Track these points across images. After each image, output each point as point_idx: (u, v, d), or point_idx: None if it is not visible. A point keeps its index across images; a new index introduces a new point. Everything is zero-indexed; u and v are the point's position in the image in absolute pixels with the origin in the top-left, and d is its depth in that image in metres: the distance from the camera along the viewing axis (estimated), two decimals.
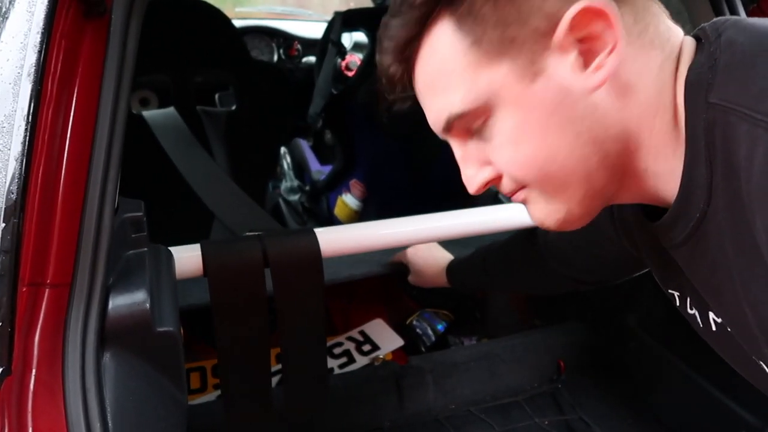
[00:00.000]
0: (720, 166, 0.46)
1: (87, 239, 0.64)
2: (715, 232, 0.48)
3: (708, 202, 0.47)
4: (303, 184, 2.33)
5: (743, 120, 0.43)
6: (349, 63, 2.19)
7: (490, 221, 1.09)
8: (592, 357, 1.45)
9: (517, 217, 1.08)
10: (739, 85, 0.45)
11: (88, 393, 0.59)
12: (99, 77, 0.67)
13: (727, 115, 0.45)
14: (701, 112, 0.46)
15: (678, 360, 1.26)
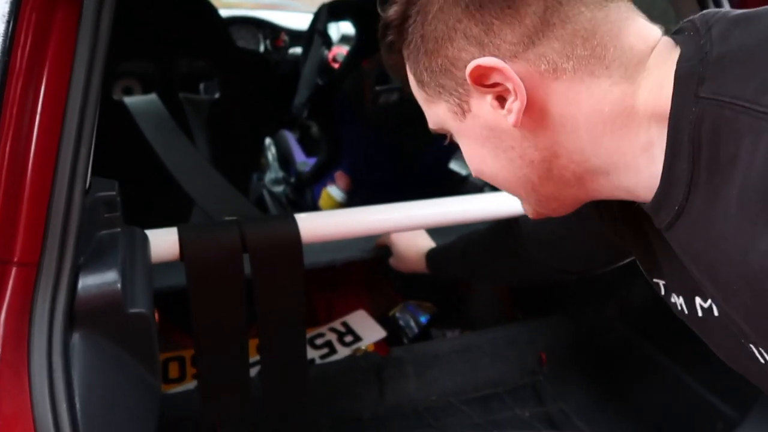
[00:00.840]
0: (704, 160, 0.46)
1: (56, 217, 0.62)
2: (691, 223, 0.49)
3: (687, 197, 0.49)
4: (288, 175, 2.32)
5: (742, 113, 0.43)
6: (336, 55, 2.18)
7: (474, 210, 1.08)
8: (574, 349, 1.45)
9: (502, 206, 1.08)
10: (736, 77, 0.45)
11: (54, 374, 0.58)
12: (71, 52, 0.65)
13: (721, 109, 0.45)
14: (689, 107, 0.46)
15: (658, 352, 1.26)
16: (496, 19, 0.52)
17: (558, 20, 0.51)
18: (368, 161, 1.90)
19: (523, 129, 0.54)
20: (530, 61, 0.51)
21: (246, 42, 2.33)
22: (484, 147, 0.57)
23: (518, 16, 0.51)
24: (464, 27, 0.53)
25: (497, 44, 0.52)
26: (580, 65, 0.51)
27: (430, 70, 0.57)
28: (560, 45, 0.51)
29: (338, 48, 2.20)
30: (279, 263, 0.92)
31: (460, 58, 0.54)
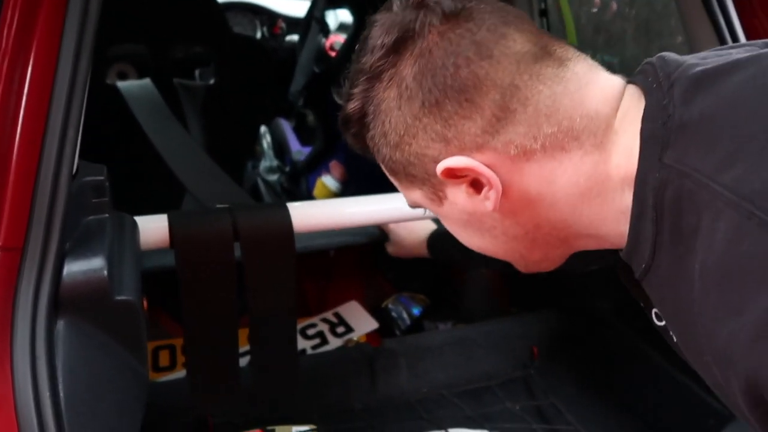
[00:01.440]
0: (667, 227, 0.47)
1: (41, 201, 0.61)
2: (660, 282, 0.50)
3: (653, 257, 0.49)
4: (283, 164, 2.30)
5: (702, 188, 0.43)
6: (333, 43, 2.15)
7: None
8: (566, 344, 1.45)
9: None
10: (697, 147, 0.45)
11: (37, 360, 0.57)
12: (59, 33, 0.64)
13: (682, 178, 0.45)
14: (654, 171, 0.47)
15: (650, 348, 1.26)
16: (456, 114, 0.50)
17: (518, 104, 0.50)
18: None
19: (503, 210, 0.53)
20: (498, 149, 0.51)
21: (243, 28, 2.30)
22: (467, 228, 0.58)
23: (477, 108, 0.50)
24: (424, 125, 0.52)
25: (461, 138, 0.51)
26: (550, 143, 0.50)
27: (398, 162, 0.55)
28: (525, 128, 0.50)
29: (335, 36, 2.17)
30: (271, 252, 0.90)
31: (426, 154, 0.53)
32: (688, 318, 0.47)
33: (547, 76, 0.50)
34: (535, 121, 0.50)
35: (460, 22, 0.51)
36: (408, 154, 0.54)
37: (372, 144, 0.57)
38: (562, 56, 0.52)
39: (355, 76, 0.55)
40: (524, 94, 0.50)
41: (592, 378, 1.38)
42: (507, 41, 0.51)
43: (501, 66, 0.50)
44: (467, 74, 0.50)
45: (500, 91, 0.50)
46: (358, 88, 0.54)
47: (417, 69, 0.51)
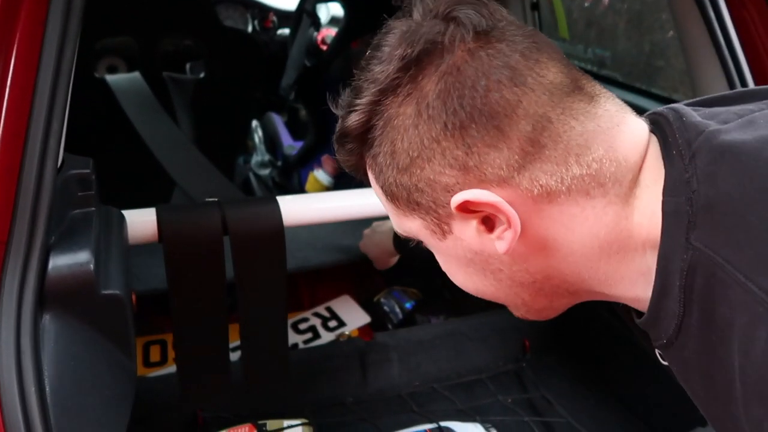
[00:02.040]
0: (697, 312, 0.44)
1: (25, 195, 0.60)
2: (684, 359, 0.48)
3: (677, 335, 0.46)
4: (274, 158, 2.29)
5: (738, 285, 0.41)
6: (324, 37, 2.14)
7: None
8: (558, 337, 1.45)
9: None
10: (728, 238, 0.42)
11: (23, 355, 0.57)
12: (42, 25, 0.63)
13: (714, 268, 0.42)
14: (681, 251, 0.44)
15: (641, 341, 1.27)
16: (481, 141, 0.45)
17: (549, 139, 0.46)
18: None
19: (514, 254, 0.49)
20: (521, 186, 0.46)
21: (234, 22, 2.29)
22: (469, 267, 0.52)
23: (505, 137, 0.45)
24: (443, 148, 0.46)
25: (483, 169, 0.46)
26: (576, 186, 0.46)
27: (402, 186, 0.49)
28: (553, 166, 0.46)
29: (327, 30, 2.16)
30: (260, 246, 0.90)
31: (439, 182, 0.47)
32: (723, 405, 0.44)
33: (579, 111, 0.47)
34: (564, 159, 0.46)
35: (492, 42, 0.46)
36: (417, 179, 0.48)
37: (372, 163, 0.51)
38: (592, 92, 0.48)
39: (363, 85, 0.48)
40: (556, 128, 0.46)
41: (583, 371, 1.38)
42: (541, 69, 0.46)
43: (534, 95, 0.46)
44: (498, 99, 0.45)
45: (531, 122, 0.45)
46: (365, 99, 0.48)
47: (442, 86, 0.46)
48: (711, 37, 1.03)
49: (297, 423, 1.17)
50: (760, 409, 0.40)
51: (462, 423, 1.20)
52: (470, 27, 0.46)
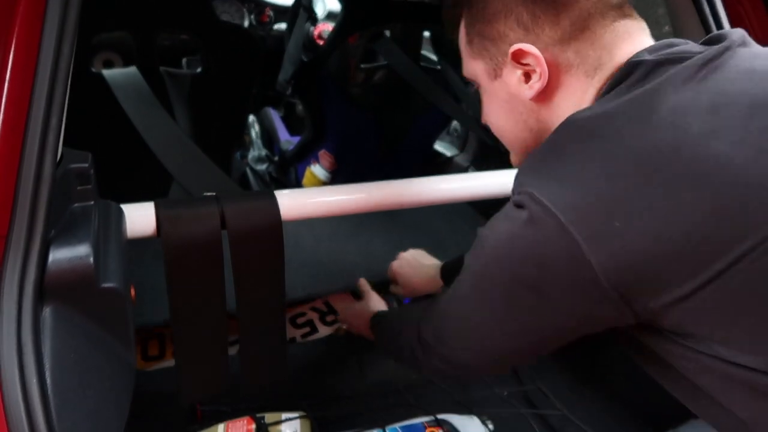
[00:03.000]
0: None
1: (25, 189, 0.60)
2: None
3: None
4: (271, 154, 2.29)
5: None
6: (321, 32, 2.14)
7: (458, 189, 1.07)
8: None
9: (485, 186, 1.07)
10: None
11: (24, 347, 0.57)
12: (41, 17, 0.63)
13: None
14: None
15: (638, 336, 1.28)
16: (543, 15, 0.64)
17: (583, 27, 0.64)
18: (352, 140, 1.89)
19: (535, 103, 0.68)
20: (556, 55, 0.65)
21: (230, 16, 2.28)
22: (502, 108, 0.72)
23: (558, 18, 0.64)
24: (518, 12, 0.65)
25: (538, 34, 0.65)
26: (583, 65, 0.65)
27: (481, 34, 0.69)
28: (578, 47, 0.64)
29: (324, 25, 2.16)
30: (258, 240, 0.90)
31: (507, 35, 0.66)
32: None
33: (610, 16, 0.64)
34: (586, 47, 0.64)
35: None
36: (493, 30, 0.67)
37: (467, 14, 0.71)
38: (628, 12, 0.66)
39: None
40: (592, 25, 0.64)
41: (580, 364, 1.39)
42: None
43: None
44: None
45: (577, 15, 0.64)
46: None
47: None
48: (706, 32, 1.03)
49: (295, 416, 1.18)
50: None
51: (459, 416, 1.21)
52: None
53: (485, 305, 0.65)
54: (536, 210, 0.55)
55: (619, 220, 0.53)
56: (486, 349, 0.69)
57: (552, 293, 0.57)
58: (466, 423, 1.20)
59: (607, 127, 0.57)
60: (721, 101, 0.56)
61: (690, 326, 0.56)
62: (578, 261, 0.54)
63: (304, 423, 1.17)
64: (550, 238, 0.55)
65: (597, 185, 0.54)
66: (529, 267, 0.57)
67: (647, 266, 0.53)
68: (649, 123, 0.55)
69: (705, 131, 0.54)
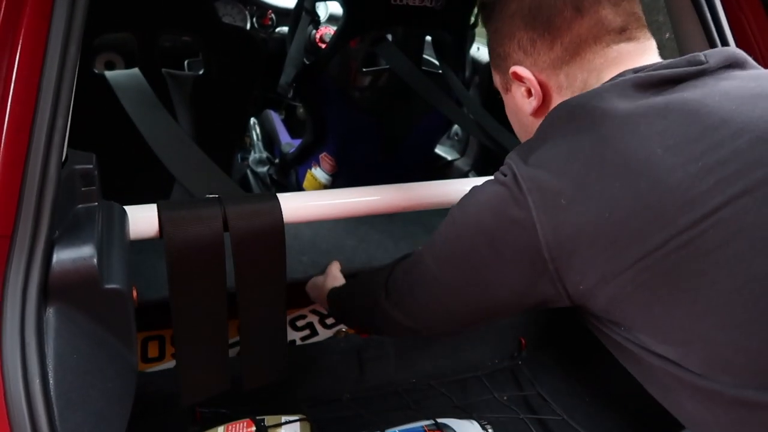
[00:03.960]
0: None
1: (30, 190, 0.61)
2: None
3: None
4: (272, 156, 2.29)
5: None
6: (323, 35, 2.14)
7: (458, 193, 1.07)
8: (553, 335, 1.46)
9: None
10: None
11: (27, 347, 0.57)
12: (47, 21, 0.63)
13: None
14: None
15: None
16: (539, 40, 0.70)
17: (574, 53, 0.69)
18: (353, 143, 1.89)
19: (533, 117, 0.75)
20: (550, 77, 0.71)
21: (232, 19, 2.29)
22: (514, 117, 0.81)
23: (553, 44, 0.69)
24: (519, 36, 0.72)
25: (535, 57, 0.71)
26: (570, 87, 0.70)
27: (495, 51, 0.77)
28: (569, 71, 0.70)
29: (326, 28, 2.16)
30: (261, 242, 0.90)
31: (511, 56, 0.74)
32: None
33: (604, 41, 0.68)
34: (575, 70, 0.69)
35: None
36: (501, 49, 0.75)
37: (488, 32, 0.79)
38: (630, 36, 0.69)
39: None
40: (582, 47, 0.68)
41: (579, 369, 1.40)
42: (599, 7, 0.68)
43: (582, 21, 0.68)
44: (558, 15, 0.68)
45: (568, 41, 0.68)
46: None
47: (533, 1, 0.70)
48: (707, 39, 1.04)
49: (295, 418, 1.17)
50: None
51: (458, 420, 1.21)
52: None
53: (452, 260, 0.71)
54: (510, 176, 0.64)
55: (565, 198, 0.59)
56: (445, 306, 0.75)
57: (507, 254, 0.63)
58: (466, 427, 1.20)
59: (574, 116, 0.64)
60: (674, 107, 0.60)
61: (616, 312, 0.61)
62: (529, 228, 0.60)
63: (304, 426, 1.17)
64: (514, 201, 0.62)
65: (557, 164, 0.61)
66: (493, 221, 0.64)
67: (580, 245, 0.58)
68: (610, 115, 0.61)
69: (653, 132, 0.58)
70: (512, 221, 0.62)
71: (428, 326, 0.82)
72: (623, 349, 0.65)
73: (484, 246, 0.65)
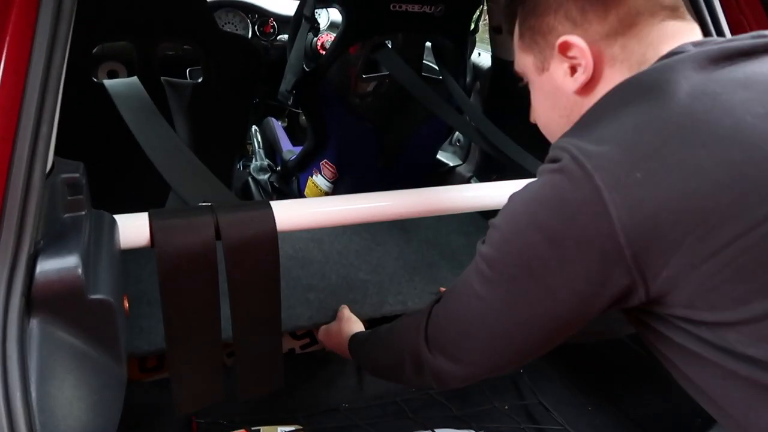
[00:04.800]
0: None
1: (13, 199, 0.60)
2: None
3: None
4: (274, 163, 2.29)
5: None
6: (324, 42, 2.15)
7: (459, 199, 1.06)
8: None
9: (486, 196, 1.06)
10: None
11: (8, 360, 0.56)
12: (32, 26, 0.63)
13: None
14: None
15: (639, 348, 1.26)
16: (591, 9, 0.66)
17: (630, 24, 0.65)
18: (354, 150, 1.88)
19: (577, 96, 0.69)
20: (603, 49, 0.66)
21: (234, 27, 2.30)
22: (548, 100, 0.73)
23: (606, 13, 0.65)
24: (567, 6, 0.67)
25: (586, 28, 0.66)
26: (627, 60, 0.65)
27: (532, 29, 0.71)
28: (624, 43, 0.65)
29: (326, 35, 2.16)
30: (254, 250, 0.89)
31: (555, 28, 0.68)
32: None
33: (659, 16, 0.65)
34: (631, 43, 0.65)
35: None
36: (543, 24, 0.69)
37: (521, 10, 0.73)
38: (680, 14, 0.66)
39: None
40: (638, 20, 0.65)
41: (580, 378, 1.38)
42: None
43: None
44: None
45: (625, 11, 0.65)
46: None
47: None
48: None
49: (291, 429, 1.16)
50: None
51: (457, 430, 1.20)
52: None
53: (503, 270, 0.62)
54: (566, 158, 0.57)
55: (641, 171, 0.53)
56: (499, 333, 0.65)
57: (570, 249, 0.56)
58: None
59: (643, 88, 0.59)
60: (756, 78, 0.57)
61: (702, 305, 0.54)
62: (599, 211, 0.54)
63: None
64: (575, 185, 0.55)
65: (625, 137, 0.56)
66: (551, 213, 0.57)
67: (663, 224, 0.52)
68: (684, 86, 0.56)
69: (736, 102, 0.54)
70: (577, 208, 0.55)
71: (481, 367, 0.70)
72: (693, 357, 0.58)
73: (542, 244, 0.58)
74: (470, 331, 0.68)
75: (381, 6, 1.52)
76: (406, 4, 1.55)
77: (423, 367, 0.76)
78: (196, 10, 1.40)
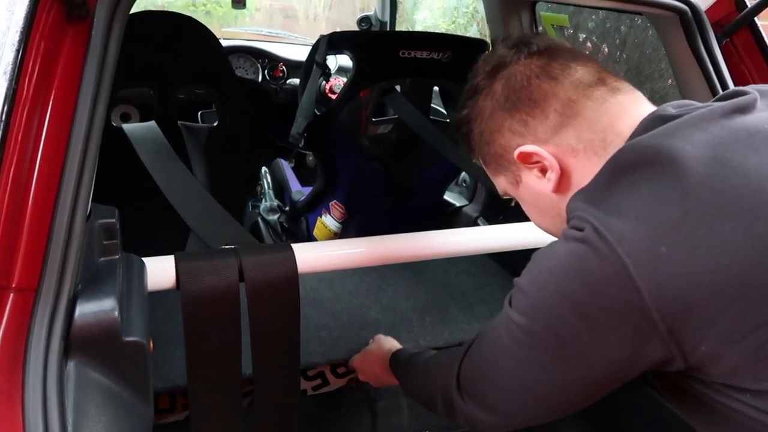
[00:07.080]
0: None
1: (56, 244, 0.62)
2: None
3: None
4: (283, 204, 2.32)
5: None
6: (333, 86, 2.21)
7: (468, 242, 1.09)
8: None
9: (494, 239, 1.09)
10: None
11: (48, 402, 0.57)
12: (78, 80, 0.66)
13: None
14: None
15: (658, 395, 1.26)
16: (529, 117, 0.69)
17: (572, 114, 0.67)
18: (363, 191, 1.91)
19: (558, 193, 0.70)
20: (557, 144, 0.68)
21: (245, 71, 2.36)
22: (535, 208, 0.76)
23: (543, 114, 0.68)
24: (509, 124, 0.71)
25: (533, 134, 0.69)
26: (588, 147, 0.67)
27: (490, 154, 0.75)
28: (575, 132, 0.67)
29: (335, 79, 2.22)
30: (275, 292, 0.91)
31: (509, 145, 0.71)
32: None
33: (595, 97, 0.67)
34: (581, 128, 0.67)
35: (540, 57, 0.70)
36: (497, 147, 0.73)
37: (474, 143, 0.76)
38: (615, 87, 0.68)
39: (466, 93, 0.76)
40: (577, 107, 0.67)
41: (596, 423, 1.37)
42: (570, 70, 0.69)
43: (562, 86, 0.68)
44: (536, 89, 0.68)
45: (561, 103, 0.67)
46: (467, 101, 0.75)
47: (504, 85, 0.71)
48: (710, 88, 1.06)
49: None
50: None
51: None
52: (526, 51, 0.71)
53: (534, 336, 0.61)
54: (588, 229, 0.57)
55: (665, 245, 0.52)
56: (532, 391, 0.64)
57: (600, 321, 0.55)
58: None
59: (648, 156, 0.58)
60: (760, 137, 0.57)
61: (745, 376, 0.53)
62: (627, 285, 0.53)
63: None
64: (602, 259, 0.54)
65: (643, 209, 0.55)
66: (577, 285, 0.56)
67: (697, 300, 0.51)
68: (691, 152, 0.55)
69: (750, 168, 0.54)
70: (603, 281, 0.54)
71: (513, 419, 0.69)
72: (727, 418, 0.57)
73: (571, 315, 0.57)
74: (501, 385, 0.67)
75: (391, 53, 1.58)
76: (415, 51, 1.60)
77: (454, 408, 0.76)
78: (215, 56, 1.45)
